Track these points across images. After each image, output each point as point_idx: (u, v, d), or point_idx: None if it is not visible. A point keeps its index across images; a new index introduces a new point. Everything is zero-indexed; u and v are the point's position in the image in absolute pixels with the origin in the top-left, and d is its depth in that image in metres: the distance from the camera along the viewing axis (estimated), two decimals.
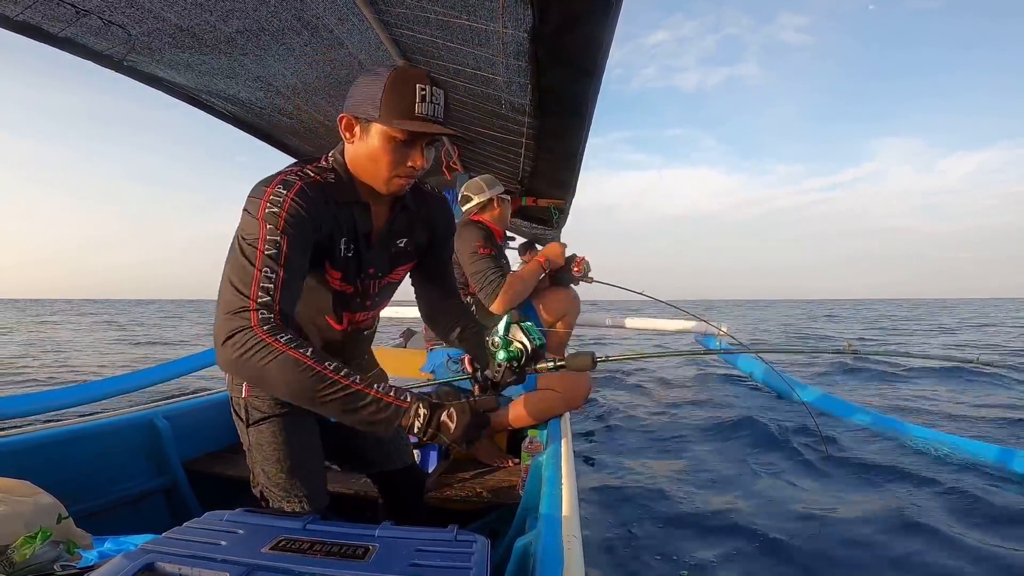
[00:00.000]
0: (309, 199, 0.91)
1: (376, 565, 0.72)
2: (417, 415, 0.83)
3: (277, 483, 1.06)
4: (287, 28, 1.80)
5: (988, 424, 3.83)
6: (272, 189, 0.90)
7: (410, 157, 0.95)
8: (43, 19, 1.67)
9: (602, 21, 1.44)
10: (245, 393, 1.08)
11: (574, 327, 2.71)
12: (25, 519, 0.89)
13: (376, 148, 0.94)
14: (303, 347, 0.81)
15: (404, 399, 0.83)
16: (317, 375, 0.80)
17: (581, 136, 2.47)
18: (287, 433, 1.07)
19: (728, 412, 4.37)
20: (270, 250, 0.86)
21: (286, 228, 0.87)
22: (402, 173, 0.96)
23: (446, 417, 0.84)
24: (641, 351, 1.97)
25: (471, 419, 0.85)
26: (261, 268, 0.85)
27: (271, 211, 0.88)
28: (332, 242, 0.99)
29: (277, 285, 0.85)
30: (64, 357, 8.75)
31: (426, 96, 0.90)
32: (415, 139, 0.94)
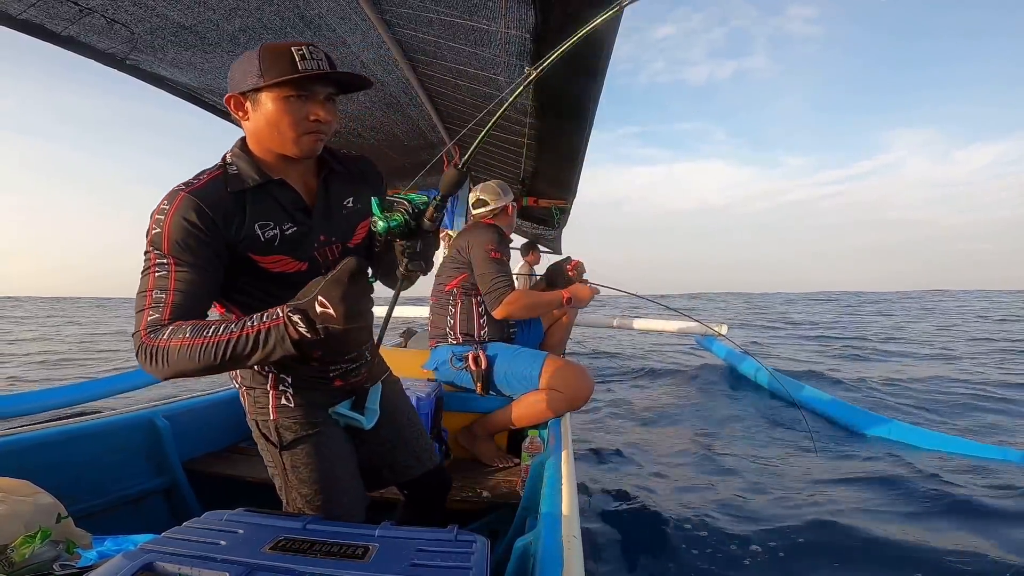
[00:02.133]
0: (196, 207, 0.87)
1: (376, 565, 0.71)
2: (295, 323, 0.79)
3: (317, 505, 1.04)
4: (289, 27, 1.80)
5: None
6: (158, 207, 0.88)
7: (311, 111, 0.91)
8: (46, 18, 1.67)
9: (605, 22, 1.44)
10: (273, 416, 1.06)
11: (572, 327, 2.72)
12: (25, 519, 0.89)
13: (272, 112, 0.91)
14: (180, 330, 0.82)
15: (275, 317, 0.80)
16: (203, 348, 0.80)
17: (583, 137, 2.47)
18: (322, 452, 1.06)
19: (729, 414, 4.37)
20: (159, 272, 0.86)
21: (171, 248, 0.86)
22: (308, 128, 0.92)
23: (320, 307, 0.78)
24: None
25: (342, 292, 0.78)
26: (152, 291, 0.86)
27: (156, 232, 0.86)
28: (247, 234, 0.93)
29: (167, 303, 0.85)
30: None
31: (304, 54, 0.88)
32: (309, 92, 0.91)
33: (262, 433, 1.08)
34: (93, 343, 11.18)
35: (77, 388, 4.81)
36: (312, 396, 1.09)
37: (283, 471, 1.06)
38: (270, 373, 1.07)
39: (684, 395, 5.45)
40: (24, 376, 6.40)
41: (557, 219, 4.94)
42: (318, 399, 1.10)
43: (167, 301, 0.85)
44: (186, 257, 0.87)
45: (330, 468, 1.06)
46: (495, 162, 3.35)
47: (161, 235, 0.86)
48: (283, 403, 1.06)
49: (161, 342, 0.82)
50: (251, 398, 1.08)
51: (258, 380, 1.07)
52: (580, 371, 1.95)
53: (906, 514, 2.20)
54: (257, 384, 1.07)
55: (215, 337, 0.81)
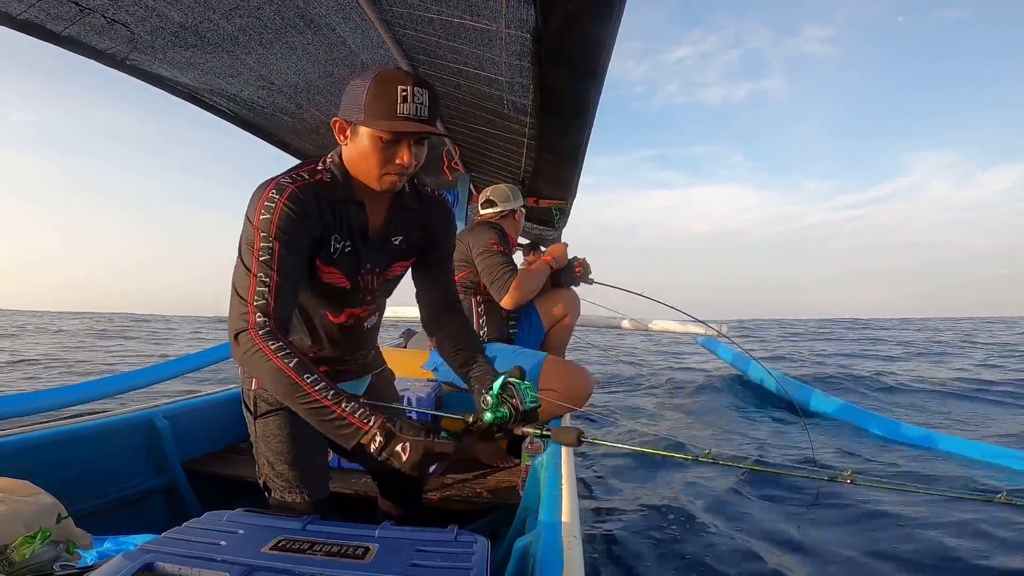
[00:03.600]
0: (301, 202, 0.97)
1: (376, 565, 0.71)
2: (374, 439, 0.88)
3: (280, 474, 1.11)
4: (290, 26, 1.80)
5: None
6: (266, 195, 0.96)
7: (397, 155, 0.98)
8: (46, 18, 1.67)
9: (604, 22, 1.44)
10: (255, 386, 1.14)
11: (574, 327, 2.71)
12: (25, 519, 0.89)
13: (365, 148, 0.98)
14: (289, 357, 0.90)
15: (366, 422, 0.89)
16: (295, 386, 0.89)
17: (583, 137, 2.47)
18: (292, 427, 1.12)
19: (732, 416, 4.37)
20: (264, 256, 0.94)
21: (279, 234, 0.94)
22: (391, 171, 1.00)
23: (399, 448, 0.88)
24: (638, 447, 1.74)
25: (421, 457, 0.88)
26: (257, 274, 0.93)
27: (265, 217, 0.94)
28: (325, 240, 1.03)
29: (271, 288, 0.93)
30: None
31: (407, 96, 0.94)
32: (400, 138, 0.97)
33: (244, 401, 1.17)
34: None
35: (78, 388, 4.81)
36: None
37: (256, 438, 1.15)
38: None
39: (686, 396, 5.46)
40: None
41: (557, 219, 4.93)
42: None
43: (271, 285, 0.93)
44: (289, 242, 0.95)
45: (296, 442, 1.12)
46: (495, 162, 3.35)
47: (270, 221, 0.94)
48: None
49: (267, 350, 0.90)
50: (243, 368, 1.15)
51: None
52: (580, 372, 1.95)
53: (912, 521, 2.19)
54: None
55: (311, 387, 0.89)
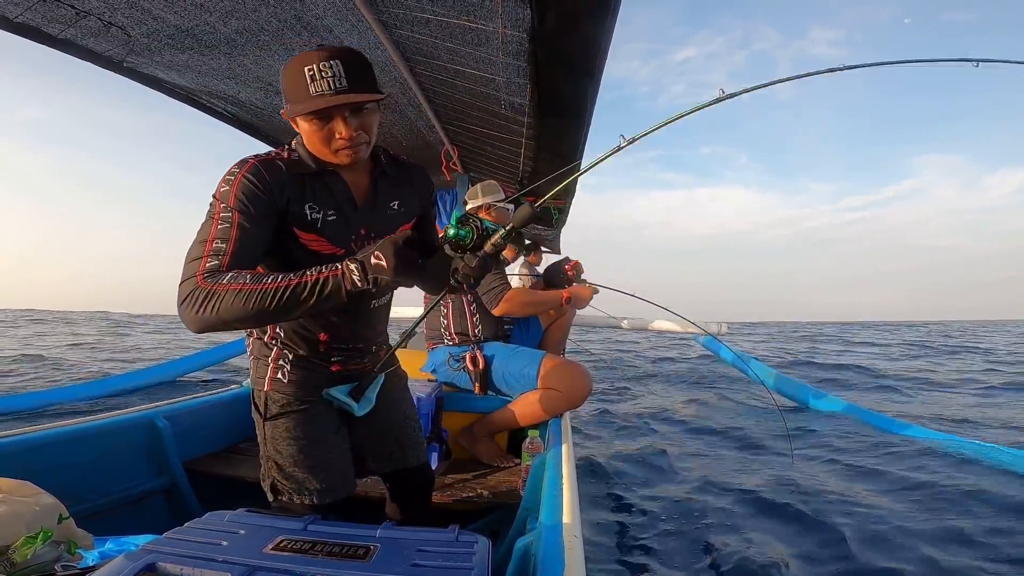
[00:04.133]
0: (260, 173, 0.98)
1: (377, 565, 0.72)
2: (351, 271, 0.87)
3: (290, 476, 1.09)
4: (286, 28, 1.80)
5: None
6: (229, 170, 0.98)
7: (333, 131, 0.99)
8: (43, 20, 1.67)
9: (601, 21, 1.44)
10: (267, 387, 1.13)
11: (571, 326, 2.72)
12: (26, 519, 0.89)
13: (306, 132, 1.01)
14: (240, 276, 0.87)
15: (335, 268, 0.88)
16: (261, 293, 0.85)
17: (581, 136, 2.47)
18: (303, 428, 1.11)
19: (733, 416, 4.38)
20: (222, 224, 0.93)
21: (237, 204, 0.94)
22: (337, 146, 1.00)
23: (375, 259, 0.87)
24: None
25: (395, 252, 0.86)
26: (213, 239, 0.92)
27: (224, 189, 0.96)
28: (296, 210, 1.03)
29: (227, 253, 0.91)
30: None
31: (315, 75, 0.94)
32: (328, 115, 0.97)
33: (254, 401, 1.16)
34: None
35: (78, 388, 4.81)
36: (307, 376, 1.15)
37: (263, 440, 1.13)
38: (275, 347, 1.14)
39: (686, 396, 5.46)
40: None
41: (556, 219, 4.94)
42: (313, 379, 1.16)
43: (228, 251, 0.92)
44: (248, 211, 0.95)
45: (306, 445, 1.11)
46: (493, 162, 3.35)
47: (229, 192, 0.95)
48: (278, 377, 1.13)
49: (219, 286, 0.86)
50: (254, 367, 1.16)
51: (263, 352, 1.15)
52: (578, 369, 1.96)
53: (922, 517, 2.18)
54: (262, 356, 1.15)
55: (274, 283, 0.86)
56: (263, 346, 1.16)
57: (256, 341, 1.18)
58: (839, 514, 2.23)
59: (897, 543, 1.95)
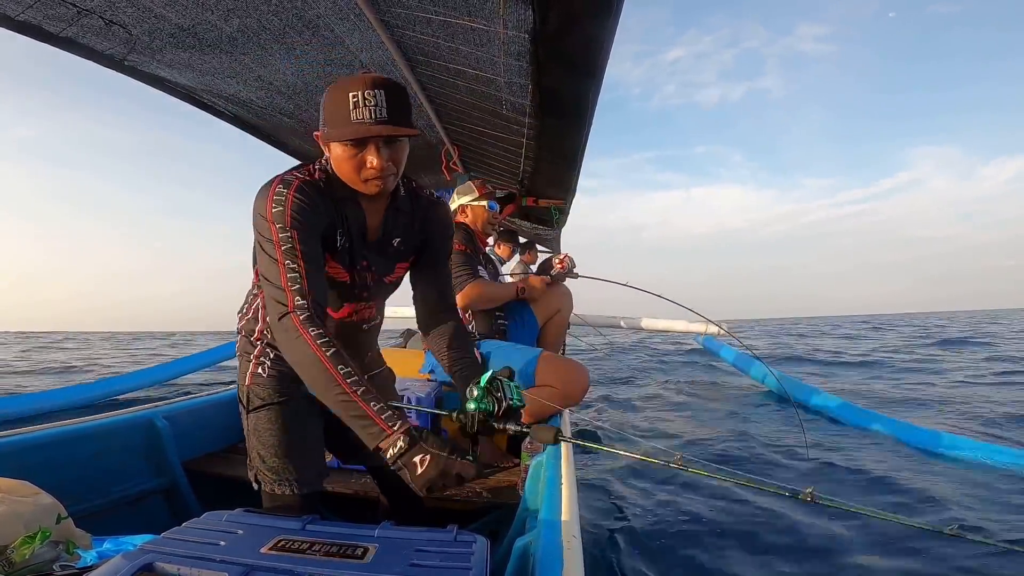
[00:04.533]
0: (307, 194, 0.99)
1: (375, 565, 0.72)
2: (394, 445, 0.88)
3: (271, 466, 1.12)
4: (288, 27, 1.80)
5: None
6: (274, 189, 0.98)
7: (365, 161, 0.99)
8: (44, 19, 1.67)
9: (602, 22, 1.44)
10: (248, 381, 1.15)
11: (569, 323, 2.73)
12: (25, 519, 0.89)
13: (338, 157, 1.01)
14: (327, 346, 0.91)
15: (392, 426, 0.89)
16: (330, 377, 0.90)
17: (581, 137, 2.47)
18: (282, 421, 1.14)
19: (733, 416, 4.37)
20: (285, 245, 0.96)
21: (294, 223, 0.96)
22: (367, 176, 1.01)
23: (417, 460, 0.87)
24: (619, 450, 1.76)
25: (438, 474, 0.87)
26: (284, 261, 0.95)
27: (277, 210, 0.96)
28: (330, 232, 1.06)
29: (300, 274, 0.95)
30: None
31: (358, 101, 0.95)
32: (363, 143, 0.98)
33: (239, 396, 1.19)
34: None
35: (78, 389, 4.81)
36: (286, 369, 1.15)
37: (247, 433, 1.16)
38: (259, 344, 1.17)
39: (686, 396, 5.46)
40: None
41: (556, 219, 4.94)
42: (293, 374, 1.14)
43: (300, 271, 0.95)
44: (305, 229, 0.98)
45: (287, 436, 1.13)
46: (494, 162, 3.35)
47: (283, 212, 0.96)
48: (258, 372, 1.15)
49: (308, 337, 0.91)
50: (240, 365, 1.19)
51: (247, 349, 1.18)
52: (575, 366, 1.96)
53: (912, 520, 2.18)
54: (245, 353, 1.18)
55: (344, 381, 0.90)
56: (248, 344, 1.19)
57: (243, 340, 1.20)
58: (846, 516, 2.23)
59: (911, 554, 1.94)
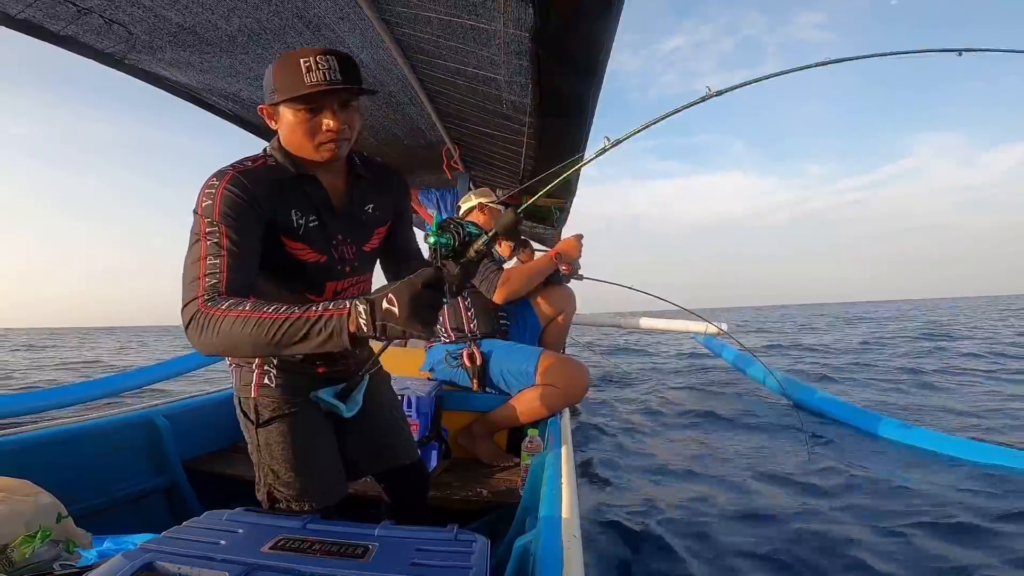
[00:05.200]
0: (241, 184, 0.95)
1: (376, 565, 0.71)
2: (358, 313, 0.78)
3: (287, 483, 1.07)
4: (288, 27, 1.80)
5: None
6: (208, 182, 0.95)
7: (321, 123, 0.98)
8: (44, 17, 1.67)
9: (603, 21, 1.44)
10: (255, 393, 1.10)
11: (571, 323, 2.72)
12: (25, 518, 0.89)
13: (291, 123, 0.98)
14: (241, 304, 0.83)
15: (342, 306, 0.80)
16: (258, 322, 0.80)
17: (582, 136, 2.47)
18: (297, 432, 1.10)
19: (732, 416, 4.37)
20: (211, 239, 0.91)
21: (224, 217, 0.92)
22: (323, 139, 0.99)
23: (387, 303, 0.77)
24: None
25: (411, 298, 0.77)
26: (205, 257, 0.89)
27: (207, 204, 0.93)
28: (283, 218, 1.01)
29: (222, 269, 0.89)
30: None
31: (311, 66, 0.93)
32: (319, 106, 0.97)
33: (243, 410, 1.13)
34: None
35: (78, 388, 4.82)
36: (294, 379, 1.13)
37: (257, 448, 1.10)
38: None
39: (686, 396, 5.46)
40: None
41: (556, 218, 4.94)
42: (300, 382, 1.14)
43: (222, 266, 0.89)
44: (235, 225, 0.92)
45: (302, 449, 1.09)
46: (494, 161, 3.35)
47: (212, 206, 0.92)
48: (265, 382, 1.11)
49: (218, 311, 0.83)
50: (238, 375, 1.13)
51: (248, 358, 1.12)
52: (576, 365, 1.96)
53: (912, 524, 2.17)
54: (245, 362, 1.12)
55: (275, 314, 0.80)
56: None
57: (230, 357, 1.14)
58: (849, 517, 2.22)
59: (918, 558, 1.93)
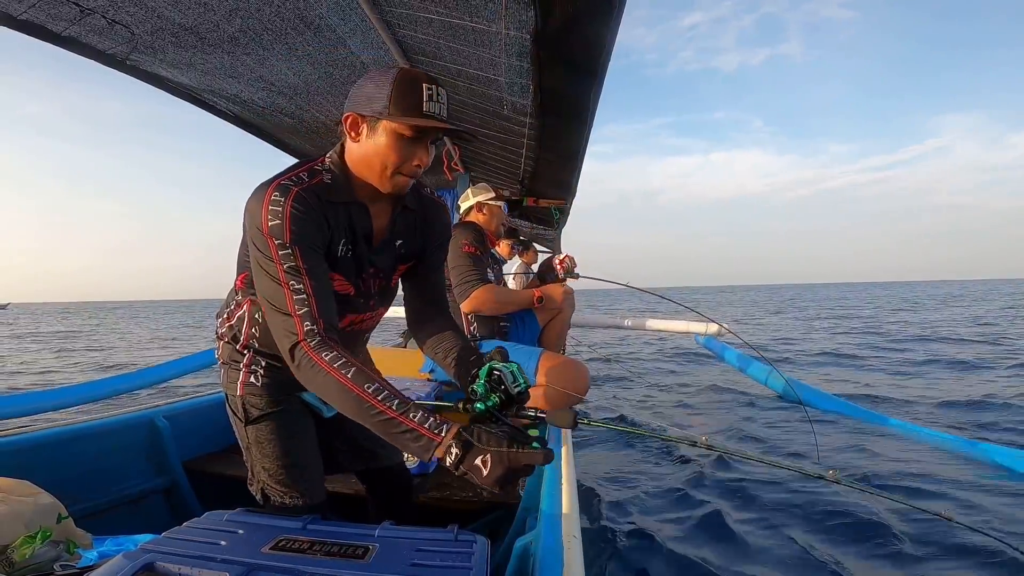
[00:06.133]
0: (306, 202, 0.92)
1: (376, 565, 0.72)
2: (449, 453, 0.79)
3: (279, 480, 1.07)
4: (289, 28, 1.80)
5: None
6: (269, 198, 0.90)
7: (416, 155, 0.95)
8: (47, 18, 1.67)
9: (604, 22, 1.44)
10: (240, 391, 1.10)
11: (570, 323, 2.72)
12: (25, 519, 0.89)
13: (383, 145, 0.94)
14: (346, 367, 0.85)
15: (439, 432, 0.80)
16: (358, 399, 0.83)
17: (582, 137, 2.47)
18: (286, 429, 1.10)
19: (733, 416, 4.36)
20: (287, 263, 0.89)
21: (294, 237, 0.90)
22: (406, 171, 0.96)
23: (479, 463, 0.78)
24: (632, 429, 1.74)
25: (505, 472, 0.78)
26: (288, 283, 0.89)
27: (275, 224, 0.89)
28: (332, 243, 0.99)
29: (308, 294, 0.89)
30: None
31: (432, 95, 0.91)
32: (422, 136, 0.94)
33: (231, 407, 1.13)
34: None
35: (78, 389, 4.81)
36: (280, 376, 1.11)
37: (247, 445, 1.10)
38: (247, 353, 1.11)
39: (687, 396, 5.45)
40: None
41: (557, 219, 4.95)
42: (285, 380, 1.11)
43: (308, 292, 0.89)
44: (306, 244, 0.91)
45: (292, 446, 1.09)
46: (495, 162, 3.35)
47: (282, 227, 0.89)
48: (251, 381, 1.10)
49: (323, 363, 0.85)
50: (225, 373, 1.13)
51: (234, 358, 1.12)
52: (577, 366, 1.96)
53: (916, 524, 2.16)
54: (232, 361, 1.12)
55: (374, 399, 0.82)
56: (234, 351, 1.12)
57: (227, 346, 1.13)
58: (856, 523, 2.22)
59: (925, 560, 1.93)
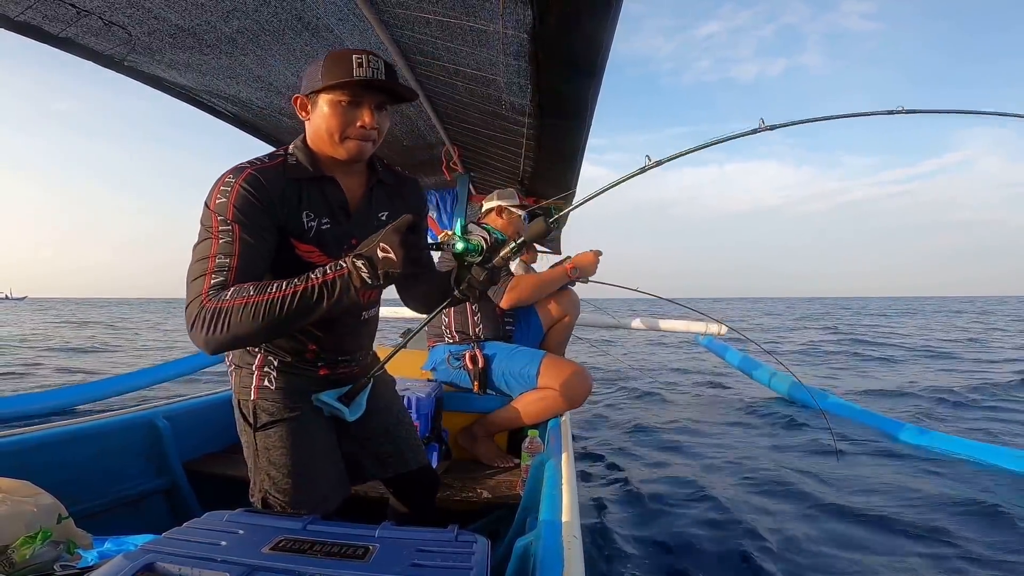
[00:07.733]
0: (258, 183, 0.95)
1: (376, 565, 0.72)
2: (359, 269, 0.86)
3: (282, 488, 1.06)
4: (287, 28, 1.80)
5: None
6: (223, 179, 0.95)
7: (358, 117, 0.99)
8: (44, 19, 1.67)
9: (602, 21, 1.44)
10: (254, 396, 1.09)
11: (574, 327, 2.72)
12: (25, 519, 0.89)
13: (325, 114, 0.99)
14: (243, 290, 0.86)
15: (339, 268, 0.87)
16: (268, 303, 0.84)
17: (581, 136, 2.47)
18: (297, 437, 1.08)
19: (734, 416, 4.37)
20: (223, 239, 0.91)
21: (236, 215, 0.92)
22: (352, 134, 1.00)
23: (383, 253, 0.85)
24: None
25: (403, 237, 0.85)
26: (216, 255, 0.90)
27: (221, 201, 0.93)
28: (294, 219, 1.01)
29: (232, 267, 0.90)
30: None
31: (363, 63, 0.96)
32: (359, 100, 0.99)
33: (241, 413, 1.11)
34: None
35: (77, 389, 4.81)
36: (295, 381, 1.11)
37: (255, 452, 1.08)
38: (259, 354, 1.10)
39: (688, 396, 5.46)
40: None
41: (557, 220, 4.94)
42: (301, 385, 1.12)
43: (231, 265, 0.90)
44: (248, 224, 0.93)
45: (301, 455, 1.08)
46: (494, 162, 3.35)
47: (226, 204, 0.92)
48: (265, 384, 1.09)
49: (224, 303, 0.85)
50: (237, 377, 1.12)
51: (246, 360, 1.11)
52: (578, 370, 1.96)
53: (929, 526, 2.15)
54: (245, 364, 1.11)
55: (280, 292, 0.85)
56: (245, 353, 1.11)
57: (236, 349, 1.11)
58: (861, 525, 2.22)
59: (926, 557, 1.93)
